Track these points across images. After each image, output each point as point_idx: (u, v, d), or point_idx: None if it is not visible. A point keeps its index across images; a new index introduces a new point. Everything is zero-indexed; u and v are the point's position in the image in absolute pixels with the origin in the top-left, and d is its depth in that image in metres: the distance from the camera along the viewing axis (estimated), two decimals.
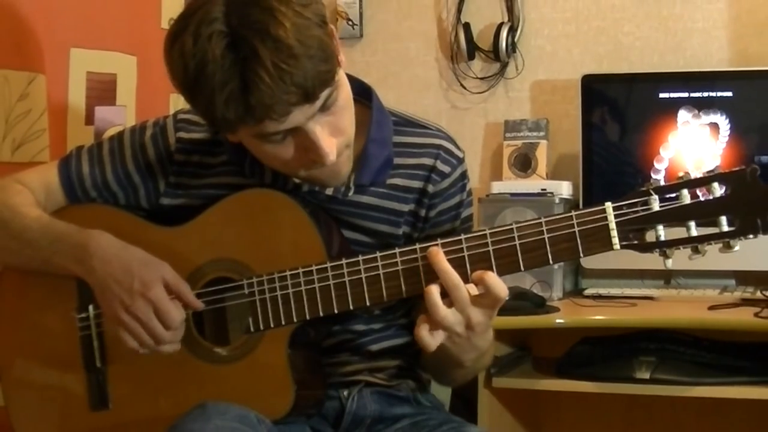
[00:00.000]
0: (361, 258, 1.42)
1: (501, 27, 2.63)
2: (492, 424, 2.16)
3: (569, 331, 2.21)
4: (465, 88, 2.72)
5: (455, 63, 2.73)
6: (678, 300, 2.31)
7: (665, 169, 2.36)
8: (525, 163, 2.58)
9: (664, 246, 1.34)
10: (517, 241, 1.37)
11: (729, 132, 2.34)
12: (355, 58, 2.75)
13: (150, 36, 2.17)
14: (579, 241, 1.35)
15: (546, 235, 1.36)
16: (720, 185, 1.32)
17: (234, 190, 1.52)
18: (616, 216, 1.34)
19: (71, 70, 2.05)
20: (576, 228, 1.35)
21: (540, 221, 1.36)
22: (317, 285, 1.43)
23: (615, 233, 1.34)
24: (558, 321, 2.14)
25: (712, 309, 2.12)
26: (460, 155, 1.58)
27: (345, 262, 1.42)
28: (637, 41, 2.58)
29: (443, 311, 1.35)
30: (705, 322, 2.07)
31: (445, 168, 1.55)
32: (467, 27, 2.68)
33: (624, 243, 1.35)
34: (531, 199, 2.38)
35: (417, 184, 1.55)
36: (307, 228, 1.47)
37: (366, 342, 1.56)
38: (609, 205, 1.35)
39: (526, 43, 2.67)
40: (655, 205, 1.33)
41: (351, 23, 2.78)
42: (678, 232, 1.34)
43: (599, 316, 2.17)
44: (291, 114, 1.33)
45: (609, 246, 1.35)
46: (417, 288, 1.39)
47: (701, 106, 2.36)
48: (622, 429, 2.58)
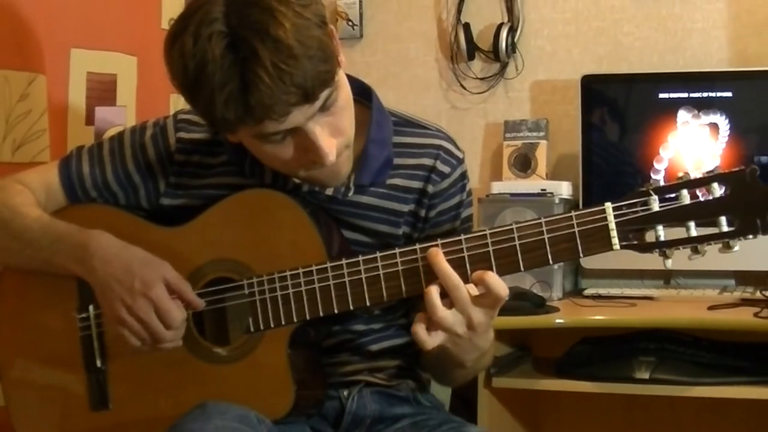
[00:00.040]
0: (361, 258, 1.42)
1: (501, 27, 2.63)
2: (492, 424, 2.16)
3: (569, 331, 2.21)
4: (465, 88, 2.72)
5: (455, 63, 2.73)
6: (678, 300, 2.31)
7: (665, 170, 2.36)
8: (525, 164, 2.58)
9: (663, 246, 1.34)
10: (517, 242, 1.37)
11: (728, 132, 2.34)
12: (355, 58, 2.75)
13: (150, 36, 2.17)
14: (579, 242, 1.35)
15: (546, 236, 1.36)
16: (720, 185, 1.32)
17: (234, 190, 1.52)
18: (615, 216, 1.34)
19: (71, 70, 2.05)
20: (576, 228, 1.35)
21: (540, 221, 1.37)
22: (317, 285, 1.43)
23: (615, 233, 1.34)
24: (558, 321, 2.14)
25: (711, 309, 2.12)
26: (459, 155, 1.58)
27: (345, 262, 1.42)
28: (637, 41, 2.58)
29: (442, 311, 1.35)
30: (704, 322, 2.07)
31: (445, 168, 1.55)
32: (467, 27, 2.68)
33: (624, 243, 1.35)
34: (531, 200, 2.37)
35: (417, 184, 1.55)
36: (307, 228, 1.47)
37: (366, 342, 1.56)
38: (609, 206, 1.35)
39: (525, 44, 2.67)
40: (655, 206, 1.33)
41: (351, 24, 2.78)
42: (678, 232, 1.34)
43: (599, 316, 2.17)
44: (290, 114, 1.33)
45: (609, 246, 1.35)
46: (417, 288, 1.39)
47: (701, 106, 2.35)
48: (621, 429, 2.57)
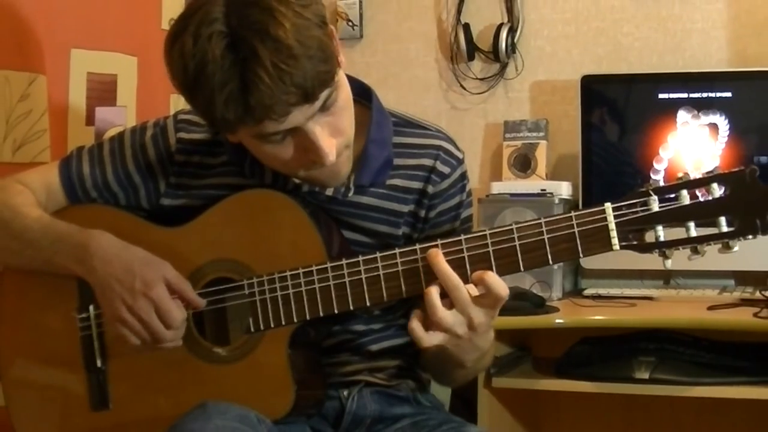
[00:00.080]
0: (361, 258, 1.42)
1: (501, 28, 2.64)
2: (492, 424, 2.16)
3: (569, 331, 2.21)
4: (465, 88, 2.72)
5: (455, 64, 2.73)
6: (677, 300, 2.31)
7: (665, 170, 2.36)
8: (525, 164, 2.58)
9: (663, 246, 1.34)
10: (517, 242, 1.37)
11: (728, 132, 2.34)
12: (355, 58, 2.75)
13: (150, 37, 2.17)
14: (578, 242, 1.35)
15: (546, 236, 1.36)
16: (719, 186, 1.32)
17: (234, 190, 1.52)
18: (615, 216, 1.34)
19: (72, 70, 2.05)
20: (576, 228, 1.35)
21: (540, 222, 1.37)
22: (317, 285, 1.43)
23: (614, 234, 1.34)
24: (557, 321, 2.14)
25: (711, 309, 2.12)
26: (459, 156, 1.59)
27: (345, 262, 1.42)
28: (637, 42, 2.58)
29: (442, 312, 1.35)
30: (704, 322, 2.08)
31: (445, 169, 1.56)
32: (467, 28, 2.69)
33: (623, 243, 1.35)
34: (531, 200, 2.37)
35: (417, 184, 1.55)
36: (308, 228, 1.47)
37: (366, 342, 1.57)
38: (608, 206, 1.35)
39: (525, 44, 2.67)
40: (655, 206, 1.33)
41: (351, 24, 2.79)
42: (677, 232, 1.34)
43: (599, 316, 2.17)
44: (290, 114, 1.33)
45: (608, 246, 1.35)
46: (417, 288, 1.39)
47: (700, 106, 2.36)
48: (621, 429, 2.58)
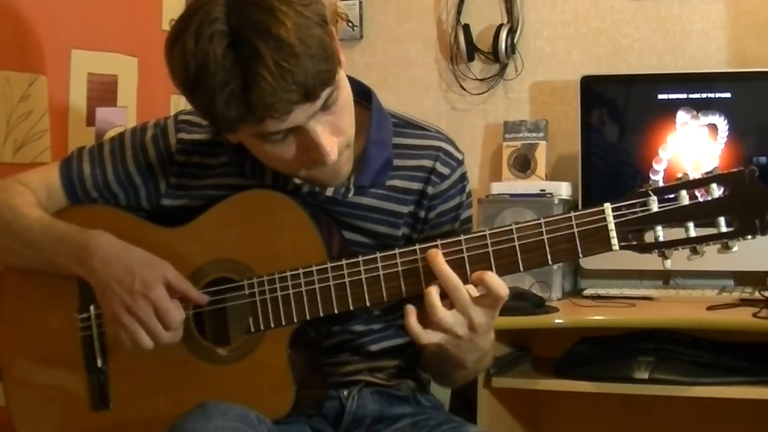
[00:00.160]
0: (361, 259, 1.42)
1: (500, 28, 2.64)
2: (491, 423, 2.17)
3: (568, 332, 2.21)
4: (464, 89, 2.72)
5: (455, 64, 2.73)
6: (676, 300, 2.31)
7: (664, 170, 2.37)
8: (524, 164, 2.58)
9: (662, 246, 1.34)
10: (517, 242, 1.37)
11: (727, 133, 2.34)
12: (355, 59, 2.75)
13: (151, 37, 2.17)
14: (578, 242, 1.35)
15: (545, 236, 1.36)
16: (718, 186, 1.32)
17: (235, 190, 1.52)
18: (615, 217, 1.34)
19: (72, 71, 2.05)
20: (575, 229, 1.35)
21: (539, 222, 1.37)
22: (317, 286, 1.43)
23: (614, 234, 1.34)
24: (557, 321, 2.14)
25: (710, 309, 2.13)
26: (459, 157, 1.59)
27: (345, 262, 1.42)
28: (636, 42, 2.59)
29: (441, 312, 1.35)
30: (703, 322, 2.08)
31: (445, 170, 1.56)
32: (467, 28, 2.69)
33: (623, 244, 1.35)
34: (530, 200, 2.38)
35: (416, 185, 1.55)
36: (308, 229, 1.47)
37: (366, 342, 1.57)
38: (608, 206, 1.35)
39: (525, 45, 2.67)
40: (654, 206, 1.34)
41: (351, 25, 2.79)
42: (677, 232, 1.34)
43: (598, 316, 2.17)
44: (292, 113, 1.33)
45: (608, 246, 1.35)
46: (417, 288, 1.39)
47: (700, 107, 2.36)
48: (620, 428, 2.58)
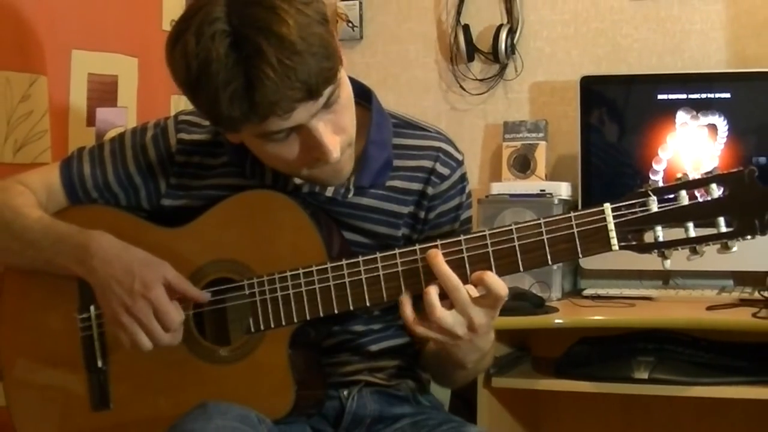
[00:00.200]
0: (361, 259, 1.42)
1: (500, 29, 2.64)
2: (491, 423, 2.17)
3: (568, 332, 2.21)
4: (464, 89, 2.73)
5: (455, 65, 2.73)
6: (676, 300, 2.31)
7: (664, 170, 2.37)
8: (524, 164, 2.58)
9: (662, 247, 1.34)
10: (517, 242, 1.37)
11: (727, 133, 2.34)
12: (355, 59, 2.75)
13: (151, 38, 2.18)
14: (578, 242, 1.35)
15: (545, 236, 1.36)
16: (718, 186, 1.32)
17: (235, 191, 1.52)
18: (614, 217, 1.34)
19: (73, 71, 2.05)
20: (575, 229, 1.35)
21: (539, 222, 1.37)
22: (317, 286, 1.43)
23: (614, 234, 1.34)
24: (557, 321, 2.14)
25: (710, 309, 2.13)
26: (459, 158, 1.59)
27: (345, 263, 1.42)
28: (636, 43, 2.59)
29: (440, 311, 1.35)
30: (703, 322, 2.08)
31: (445, 170, 1.56)
32: (466, 29, 2.69)
33: (623, 244, 1.35)
34: (530, 200, 2.38)
35: (416, 186, 1.55)
36: (308, 229, 1.47)
37: (365, 342, 1.57)
38: (608, 206, 1.35)
39: (525, 45, 2.67)
40: (654, 206, 1.34)
41: (351, 25, 2.79)
42: (676, 232, 1.34)
43: (598, 316, 2.17)
44: (295, 111, 1.34)
45: (608, 247, 1.35)
46: (417, 288, 1.39)
47: (699, 107, 2.36)
48: (620, 428, 2.58)
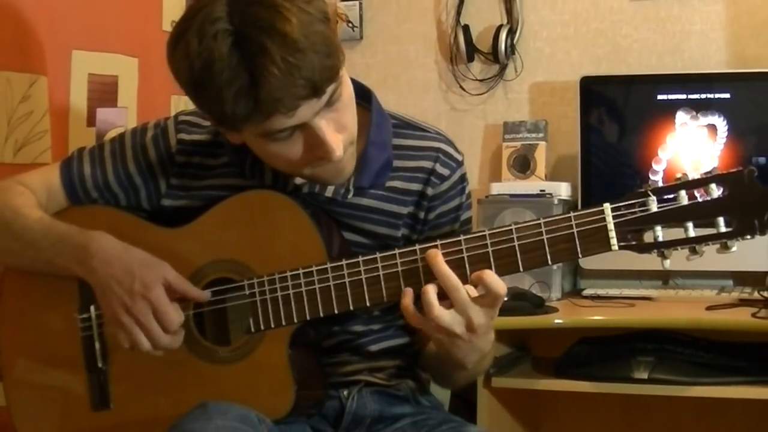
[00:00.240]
0: (361, 259, 1.42)
1: (500, 29, 2.64)
2: (491, 423, 2.17)
3: (568, 332, 2.21)
4: (464, 89, 2.73)
5: (454, 65, 2.73)
6: (676, 300, 2.31)
7: (663, 171, 2.37)
8: (524, 165, 2.58)
9: (662, 247, 1.35)
10: (516, 242, 1.37)
11: (727, 133, 2.34)
12: (355, 60, 2.75)
13: (151, 38, 2.18)
14: (578, 242, 1.36)
15: (545, 236, 1.36)
16: (718, 186, 1.32)
17: (235, 191, 1.52)
18: (614, 217, 1.35)
19: (73, 71, 2.05)
20: (575, 229, 1.35)
21: (539, 222, 1.37)
22: (317, 286, 1.44)
23: (613, 234, 1.34)
24: (557, 321, 2.14)
25: (709, 309, 2.13)
26: (459, 158, 1.59)
27: (345, 263, 1.43)
28: (635, 43, 2.59)
29: (438, 310, 1.35)
30: (702, 322, 2.08)
31: (444, 171, 1.56)
32: (466, 29, 2.69)
33: (622, 244, 1.35)
34: (530, 200, 2.38)
35: (416, 186, 1.55)
36: (308, 229, 1.47)
37: (365, 342, 1.57)
38: (607, 206, 1.35)
39: (525, 45, 2.67)
40: (653, 206, 1.34)
41: (351, 25, 2.79)
42: (676, 232, 1.34)
43: (597, 316, 2.17)
44: (299, 109, 1.34)
45: (607, 247, 1.35)
46: (417, 289, 1.39)
47: (699, 107, 2.36)
48: (620, 428, 2.58)
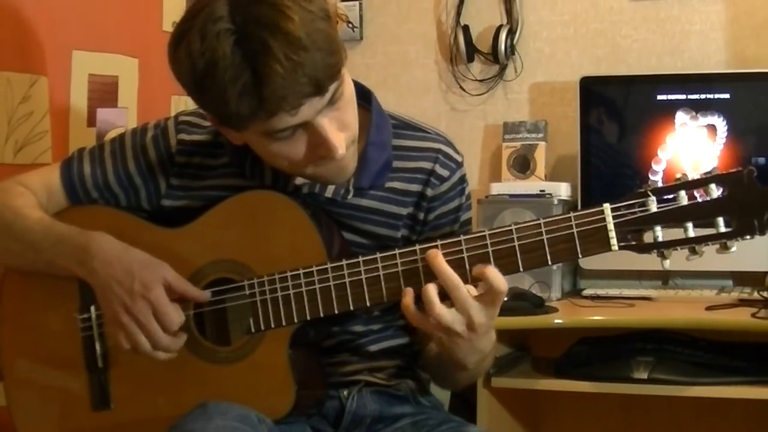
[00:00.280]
0: (361, 259, 1.42)
1: (500, 29, 2.64)
2: (491, 423, 2.17)
3: (568, 332, 2.21)
4: (464, 90, 2.73)
5: (454, 65, 2.74)
6: (675, 300, 2.32)
7: (663, 171, 2.37)
8: (524, 165, 2.58)
9: (661, 247, 1.35)
10: (516, 242, 1.37)
11: (726, 133, 2.34)
12: (355, 60, 2.75)
13: (151, 38, 2.18)
14: (577, 242, 1.36)
15: (545, 236, 1.36)
16: (717, 186, 1.32)
17: (235, 191, 1.52)
18: (614, 217, 1.35)
19: (73, 72, 2.05)
20: (574, 229, 1.35)
21: (539, 222, 1.37)
22: (317, 286, 1.44)
23: (613, 234, 1.34)
24: (556, 321, 2.15)
25: (709, 309, 2.13)
26: (458, 159, 1.59)
27: (345, 263, 1.43)
28: (635, 43, 2.59)
29: (439, 308, 1.35)
30: (702, 322, 2.08)
31: (444, 172, 1.56)
32: (466, 29, 2.69)
33: (622, 244, 1.35)
34: (530, 201, 2.38)
35: (416, 187, 1.55)
36: (308, 229, 1.47)
37: (365, 342, 1.57)
38: (607, 207, 1.35)
39: (524, 46, 2.67)
40: (653, 207, 1.34)
41: (351, 26, 2.79)
42: (675, 233, 1.34)
43: (597, 316, 2.18)
44: (302, 107, 1.34)
45: (607, 247, 1.35)
46: (417, 289, 1.39)
47: (699, 107, 2.36)
48: (620, 428, 2.58)
